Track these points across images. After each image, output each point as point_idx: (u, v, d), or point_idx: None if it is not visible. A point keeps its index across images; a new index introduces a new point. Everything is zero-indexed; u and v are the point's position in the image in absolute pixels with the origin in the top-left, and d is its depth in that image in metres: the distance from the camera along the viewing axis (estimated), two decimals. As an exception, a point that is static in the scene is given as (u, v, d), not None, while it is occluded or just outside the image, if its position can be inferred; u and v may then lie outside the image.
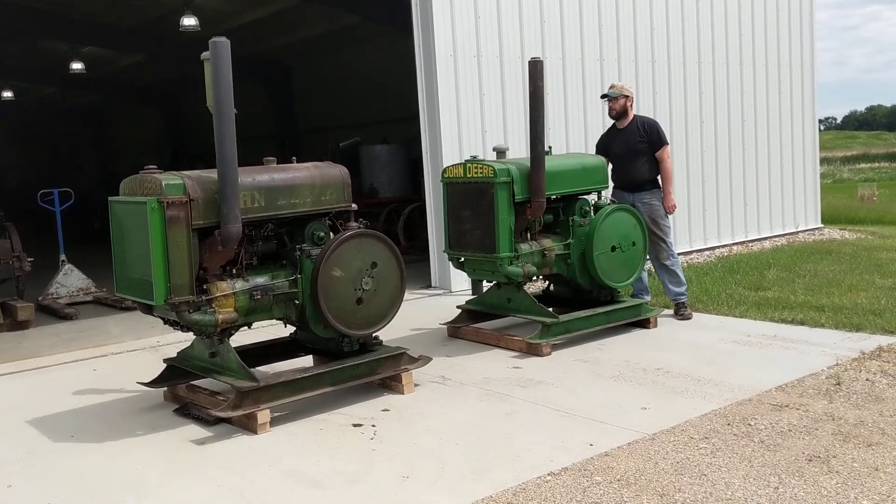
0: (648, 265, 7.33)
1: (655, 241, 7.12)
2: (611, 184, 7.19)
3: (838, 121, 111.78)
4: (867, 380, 5.21)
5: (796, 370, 5.48)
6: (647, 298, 7.28)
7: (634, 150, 7.09)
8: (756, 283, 8.56)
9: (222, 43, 4.66)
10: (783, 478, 3.82)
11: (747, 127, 11.90)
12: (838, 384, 5.14)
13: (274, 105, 21.27)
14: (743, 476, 3.86)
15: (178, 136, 25.62)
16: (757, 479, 3.82)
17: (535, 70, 6.34)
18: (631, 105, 7.23)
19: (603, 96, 7.38)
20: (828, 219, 13.91)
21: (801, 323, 6.78)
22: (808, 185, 12.98)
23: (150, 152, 23.99)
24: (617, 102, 7.16)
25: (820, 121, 13.78)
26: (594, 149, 9.64)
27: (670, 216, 7.24)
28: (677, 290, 7.21)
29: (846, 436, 4.29)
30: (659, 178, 7.17)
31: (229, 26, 15.58)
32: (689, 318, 7.09)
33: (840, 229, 13.34)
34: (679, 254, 10.64)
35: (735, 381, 5.31)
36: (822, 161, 14.30)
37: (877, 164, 37.92)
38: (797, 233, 12.60)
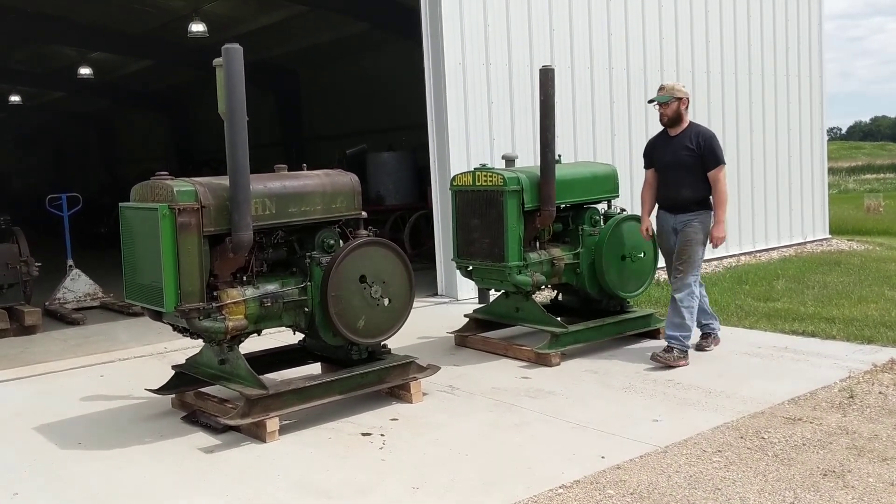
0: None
1: (675, 269, 6.06)
2: (653, 198, 6.31)
3: (843, 131, 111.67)
4: (880, 393, 5.17)
5: (809, 383, 5.44)
6: (716, 326, 6.42)
7: (681, 163, 6.02)
8: (765, 294, 8.52)
9: (235, 49, 4.65)
10: (798, 493, 3.78)
11: (755, 137, 11.87)
12: (851, 397, 5.10)
13: (281, 112, 21.30)
14: (758, 491, 3.82)
15: (185, 142, 25.67)
16: (772, 493, 3.78)
17: (546, 78, 6.33)
18: (686, 109, 6.11)
19: (650, 101, 6.33)
20: (835, 229, 13.87)
21: (812, 335, 6.74)
22: (815, 196, 12.94)
23: (156, 158, 24.01)
24: (669, 107, 6.05)
25: (826, 131, 13.75)
26: (603, 157, 9.67)
27: (714, 248, 6.16)
28: (671, 332, 6.01)
29: (861, 450, 4.25)
30: (706, 199, 6.05)
31: (237, 33, 15.60)
32: (666, 366, 5.85)
33: (848, 240, 13.29)
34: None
35: (747, 393, 5.27)
36: (828, 172, 14.23)
37: (882, 175, 37.85)
38: (805, 243, 12.55)
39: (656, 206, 6.31)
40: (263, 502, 3.93)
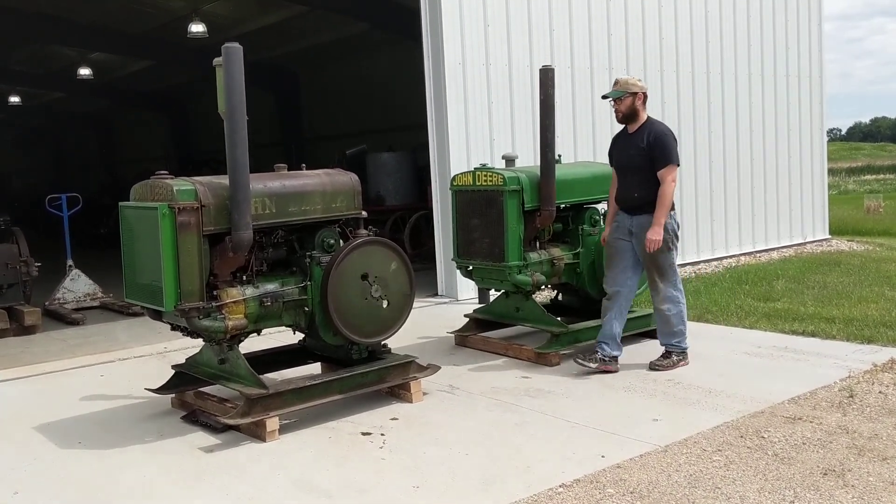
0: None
1: (650, 280, 5.88)
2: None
3: (843, 132, 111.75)
4: (880, 392, 5.17)
5: (809, 382, 5.44)
6: (615, 354, 5.86)
7: (632, 162, 5.83)
8: (765, 294, 8.52)
9: (235, 49, 4.65)
10: (798, 492, 3.78)
11: (755, 138, 11.88)
12: (851, 397, 5.10)
13: (280, 112, 21.31)
14: (758, 490, 3.82)
15: (185, 142, 25.67)
16: (772, 492, 3.78)
17: (546, 78, 6.33)
18: (642, 104, 5.82)
19: (604, 97, 6.07)
20: (835, 230, 13.87)
21: (812, 334, 6.74)
22: (815, 196, 12.94)
23: (156, 158, 24.01)
24: (622, 103, 5.79)
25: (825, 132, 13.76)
26: (603, 157, 9.67)
27: (649, 251, 5.69)
28: (665, 340, 5.93)
29: (861, 449, 4.25)
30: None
31: (237, 33, 15.59)
32: (662, 369, 5.79)
33: (848, 241, 13.30)
34: (686, 264, 10.68)
35: (747, 392, 5.27)
36: (828, 172, 14.24)
37: (881, 176, 37.86)
38: (805, 244, 12.56)
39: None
40: (263, 502, 3.92)
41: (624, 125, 5.96)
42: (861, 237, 14.07)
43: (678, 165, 5.76)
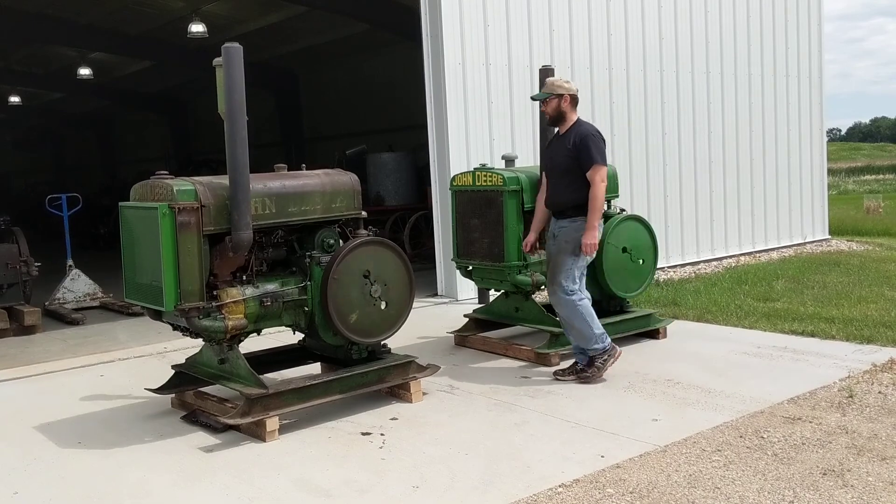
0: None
1: (551, 282, 5.66)
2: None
3: (843, 132, 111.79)
4: (880, 392, 5.17)
5: (808, 382, 5.44)
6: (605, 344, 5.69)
7: (557, 165, 5.69)
8: (764, 295, 8.52)
9: (235, 49, 4.66)
10: (798, 492, 3.78)
11: (755, 137, 11.89)
12: (851, 397, 5.10)
13: (280, 112, 21.31)
14: (757, 490, 3.82)
15: (185, 142, 25.68)
16: (771, 492, 3.79)
17: (546, 78, 6.32)
18: (570, 105, 5.66)
19: (533, 98, 5.90)
20: (835, 230, 13.88)
21: (812, 335, 6.74)
22: (815, 196, 12.95)
23: (156, 159, 24.04)
24: (549, 105, 5.66)
25: (825, 132, 13.77)
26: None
27: (588, 258, 5.59)
28: (577, 344, 5.71)
29: (860, 449, 4.25)
30: (585, 206, 5.57)
31: (237, 33, 15.60)
32: (594, 382, 5.60)
33: (847, 241, 13.31)
34: (686, 264, 10.69)
35: (746, 392, 5.27)
36: (828, 172, 14.26)
37: (881, 176, 37.88)
38: (804, 244, 12.56)
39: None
40: (263, 501, 3.93)
41: (553, 127, 5.84)
42: (861, 237, 14.07)
43: (606, 165, 5.60)
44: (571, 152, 5.58)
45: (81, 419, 5.32)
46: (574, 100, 5.70)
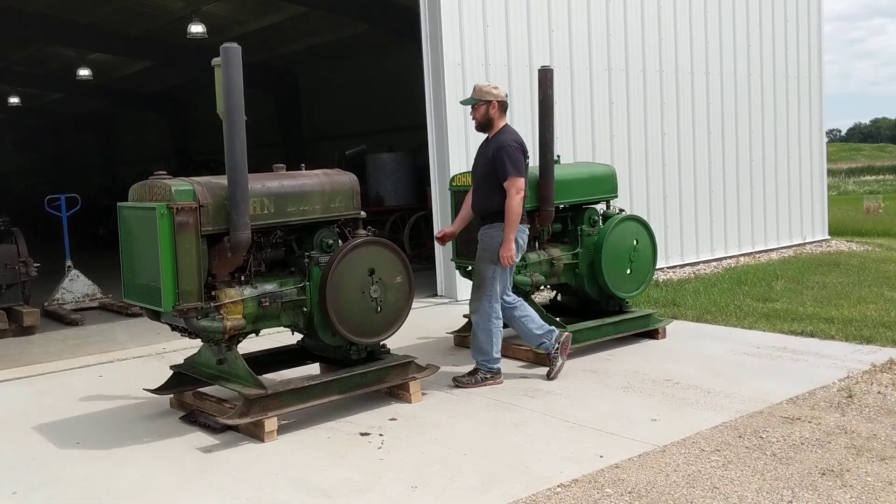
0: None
1: (473, 288, 5.70)
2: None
3: (843, 133, 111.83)
4: (879, 392, 5.17)
5: (807, 382, 5.44)
6: (557, 333, 5.79)
7: (477, 171, 5.75)
8: (764, 295, 8.52)
9: (234, 49, 4.65)
10: (797, 492, 3.78)
11: (755, 138, 11.89)
12: (850, 397, 5.10)
13: (280, 113, 21.30)
14: (756, 489, 3.82)
15: (184, 143, 25.67)
16: (770, 492, 3.78)
17: (545, 78, 6.32)
18: (498, 112, 5.62)
19: (462, 103, 5.85)
20: (834, 231, 13.88)
21: (811, 335, 6.74)
22: (815, 197, 12.95)
23: (155, 159, 24.04)
24: (477, 111, 5.64)
25: (825, 133, 13.77)
26: (602, 158, 9.68)
27: (507, 269, 5.61)
28: (474, 356, 5.74)
29: (859, 449, 4.25)
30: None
31: (236, 34, 15.61)
32: (463, 387, 5.58)
33: (847, 241, 13.31)
34: (685, 265, 10.69)
35: (745, 393, 5.27)
36: (828, 173, 14.27)
37: (881, 177, 37.88)
38: (804, 244, 12.56)
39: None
40: (262, 501, 3.92)
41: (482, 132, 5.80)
42: (860, 238, 14.07)
43: (522, 177, 5.51)
44: (490, 161, 5.59)
45: (80, 420, 5.31)
46: (503, 106, 5.68)
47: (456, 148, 8.81)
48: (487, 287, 5.63)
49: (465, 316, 6.96)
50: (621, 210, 6.96)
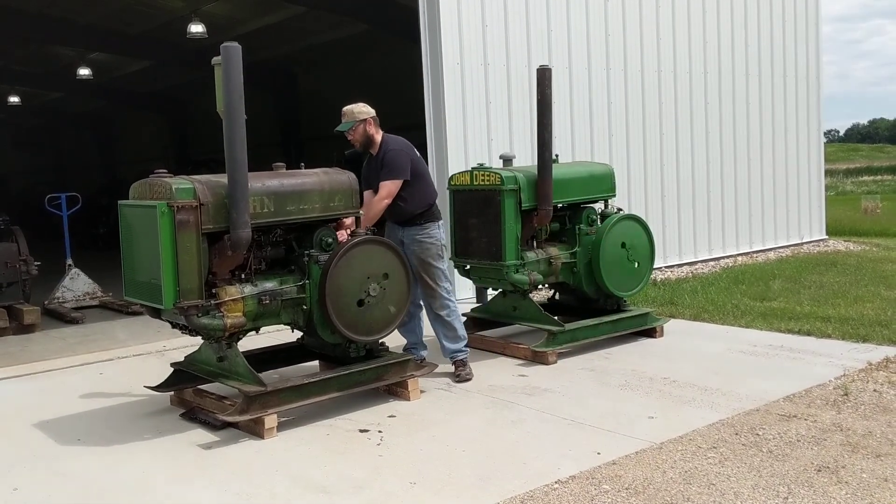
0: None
1: (425, 288, 5.87)
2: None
3: (841, 133, 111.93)
4: (875, 391, 5.20)
5: (804, 380, 5.47)
6: (423, 354, 6.04)
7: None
8: (761, 294, 8.55)
9: (233, 47, 4.68)
10: (792, 488, 3.81)
11: (752, 138, 11.91)
12: (846, 395, 5.13)
13: (279, 112, 21.32)
14: (752, 486, 3.85)
15: (184, 142, 25.69)
16: (766, 489, 3.81)
17: (544, 77, 6.37)
18: (374, 127, 5.83)
19: (336, 131, 5.92)
20: (832, 230, 13.91)
21: (808, 333, 6.77)
22: (812, 197, 12.98)
23: (155, 158, 24.04)
24: (356, 132, 5.78)
25: (823, 133, 13.80)
26: (601, 157, 9.71)
27: (445, 259, 5.93)
28: (453, 346, 5.92)
29: (855, 446, 4.28)
30: (430, 210, 5.90)
31: (236, 34, 15.62)
32: (469, 380, 5.76)
33: (845, 241, 13.34)
34: (683, 264, 10.72)
35: (742, 390, 5.30)
36: (826, 173, 14.30)
37: (879, 177, 37.90)
38: (802, 244, 12.60)
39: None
40: (262, 498, 3.95)
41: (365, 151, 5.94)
42: (858, 237, 14.11)
43: (405, 180, 5.75)
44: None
45: (81, 417, 5.34)
46: (376, 121, 5.85)
47: (454, 147, 8.83)
48: (441, 281, 5.88)
49: (463, 314, 6.98)
50: (619, 209, 6.99)
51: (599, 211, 6.91)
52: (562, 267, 6.63)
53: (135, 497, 4.02)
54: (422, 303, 6.04)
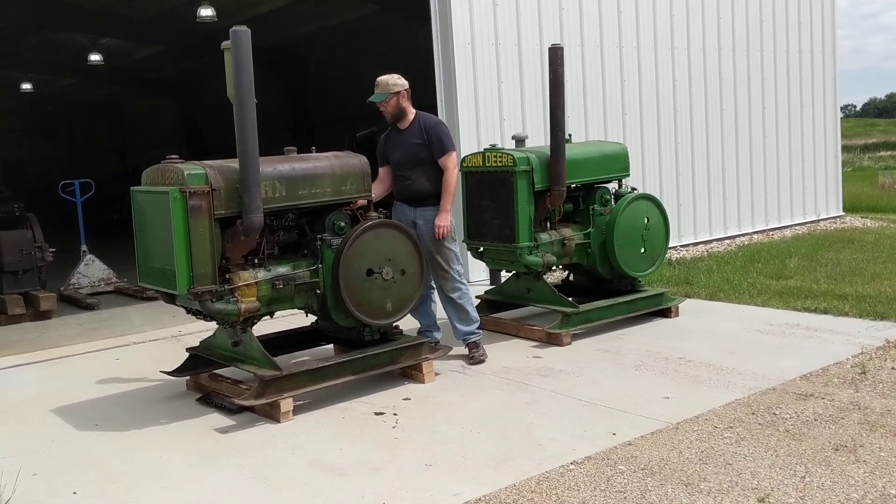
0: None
1: (437, 270, 5.82)
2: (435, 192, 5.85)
3: (858, 108, 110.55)
4: (893, 368, 5.16)
5: (820, 359, 5.43)
6: (437, 337, 5.99)
7: (413, 157, 5.78)
8: (777, 272, 8.49)
9: (243, 31, 4.66)
10: (809, 467, 3.79)
11: (768, 114, 11.79)
12: (863, 373, 5.09)
13: (290, 96, 21.27)
14: (769, 465, 3.83)
15: (195, 127, 25.71)
16: (783, 468, 3.79)
17: (556, 56, 6.30)
18: (407, 100, 5.79)
19: (369, 101, 5.89)
20: (849, 207, 13.78)
21: (825, 311, 6.72)
22: (829, 173, 12.86)
23: (167, 144, 24.07)
24: (389, 104, 5.75)
25: (840, 108, 13.63)
26: (614, 137, 9.63)
27: (437, 239, 5.74)
28: (466, 329, 5.91)
29: (873, 425, 4.25)
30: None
31: (245, 17, 15.58)
32: (483, 362, 5.76)
33: (862, 217, 13.22)
34: (699, 242, 10.66)
35: (758, 370, 5.27)
36: (842, 149, 14.15)
37: (897, 152, 37.46)
38: (818, 221, 12.49)
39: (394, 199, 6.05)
40: (279, 480, 3.97)
41: (392, 124, 5.91)
42: (875, 214, 13.97)
43: (455, 151, 5.83)
44: (423, 143, 5.73)
45: (98, 402, 5.39)
46: (409, 94, 5.81)
47: (466, 129, 8.79)
48: (455, 262, 5.87)
49: (477, 297, 6.97)
50: (633, 189, 6.93)
51: (613, 191, 6.85)
52: (575, 248, 6.60)
53: (153, 481, 4.05)
54: (434, 285, 6.04)
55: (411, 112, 5.83)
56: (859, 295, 7.14)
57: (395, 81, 5.77)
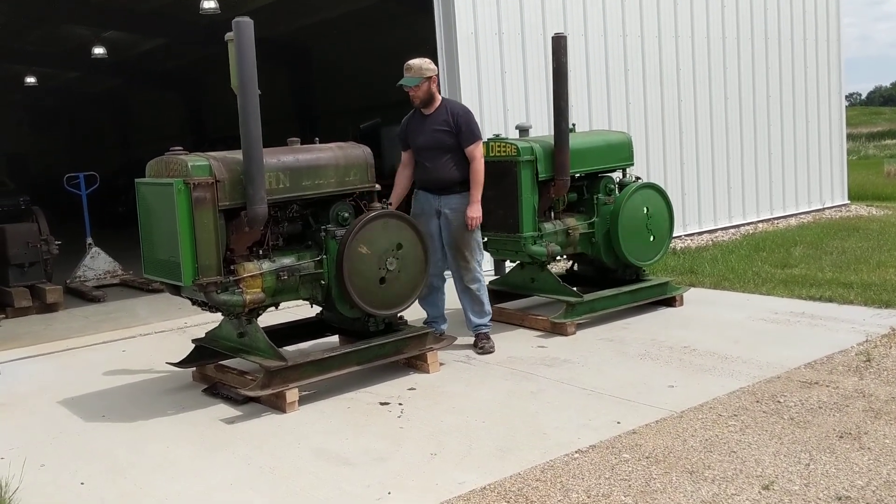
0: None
1: (460, 260, 5.79)
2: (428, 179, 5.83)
3: (863, 96, 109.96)
4: (898, 356, 5.16)
5: (825, 347, 5.43)
6: (443, 328, 5.98)
7: (438, 143, 5.68)
8: (782, 261, 8.48)
9: (245, 23, 4.66)
10: (814, 455, 3.80)
11: (772, 103, 11.74)
12: (868, 361, 5.09)
13: (293, 87, 21.25)
14: (773, 453, 3.84)
15: (199, 120, 25.70)
16: (788, 455, 3.80)
17: (559, 45, 6.28)
18: (436, 86, 5.73)
19: (399, 84, 5.72)
20: (854, 195, 13.73)
21: (830, 300, 6.71)
22: (834, 162, 12.81)
23: (171, 137, 24.05)
24: (419, 89, 5.63)
25: (845, 97, 13.58)
26: (618, 126, 9.61)
27: (469, 229, 5.71)
28: (479, 320, 5.91)
29: (877, 412, 4.25)
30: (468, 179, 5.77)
31: (249, 9, 15.54)
32: (491, 352, 5.73)
33: (867, 206, 13.18)
34: (703, 231, 10.64)
35: (763, 358, 5.27)
36: (848, 137, 14.09)
37: (903, 140, 37.26)
38: (823, 209, 12.46)
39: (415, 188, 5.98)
40: (285, 471, 3.99)
41: (418, 108, 5.81)
42: (881, 202, 13.93)
43: (482, 140, 5.82)
44: (449, 131, 5.66)
45: (105, 394, 5.41)
46: (437, 79, 5.77)
47: (470, 119, 8.76)
48: (478, 253, 5.87)
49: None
50: (637, 178, 6.92)
51: (617, 180, 6.85)
52: (580, 237, 6.59)
53: (160, 472, 4.07)
54: (447, 275, 6.01)
55: (438, 98, 5.76)
56: (864, 283, 7.12)
57: (427, 66, 5.65)
